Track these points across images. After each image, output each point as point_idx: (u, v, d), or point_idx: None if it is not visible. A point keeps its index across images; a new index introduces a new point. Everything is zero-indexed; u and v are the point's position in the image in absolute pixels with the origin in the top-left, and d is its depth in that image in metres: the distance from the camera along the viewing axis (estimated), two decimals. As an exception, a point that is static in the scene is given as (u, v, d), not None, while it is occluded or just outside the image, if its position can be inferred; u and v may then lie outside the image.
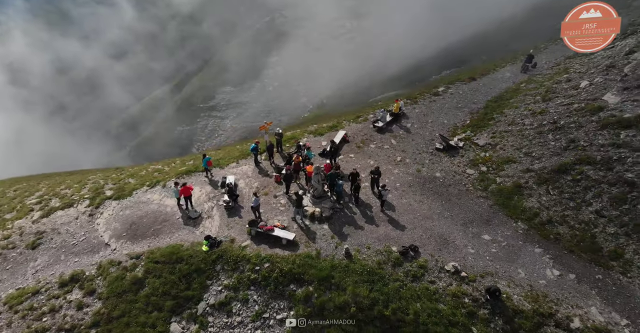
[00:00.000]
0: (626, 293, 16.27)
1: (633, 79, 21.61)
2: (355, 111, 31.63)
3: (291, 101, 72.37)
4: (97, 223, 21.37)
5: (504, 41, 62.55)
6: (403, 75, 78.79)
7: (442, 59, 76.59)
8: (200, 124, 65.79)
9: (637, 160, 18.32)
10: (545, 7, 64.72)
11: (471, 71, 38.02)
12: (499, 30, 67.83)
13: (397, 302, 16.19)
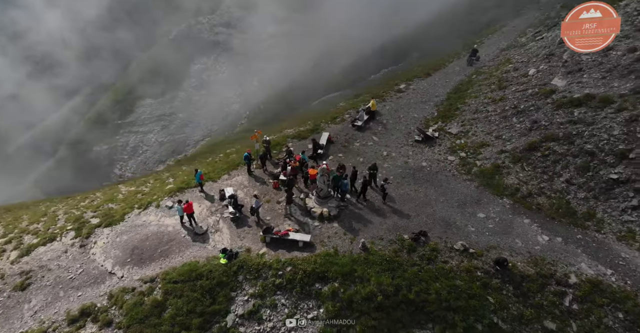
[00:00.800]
0: (604, 247, 18.71)
1: (573, 64, 24.68)
2: (317, 114, 32.49)
3: (221, 109, 70.96)
4: (92, 254, 20.16)
5: (436, 37, 66.71)
6: (342, 76, 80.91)
7: (378, 58, 79.76)
8: (120, 141, 60.93)
9: (593, 133, 21.07)
10: (472, 3, 69.88)
11: (411, 70, 40.32)
12: (430, 27, 72.10)
13: (419, 284, 17.29)
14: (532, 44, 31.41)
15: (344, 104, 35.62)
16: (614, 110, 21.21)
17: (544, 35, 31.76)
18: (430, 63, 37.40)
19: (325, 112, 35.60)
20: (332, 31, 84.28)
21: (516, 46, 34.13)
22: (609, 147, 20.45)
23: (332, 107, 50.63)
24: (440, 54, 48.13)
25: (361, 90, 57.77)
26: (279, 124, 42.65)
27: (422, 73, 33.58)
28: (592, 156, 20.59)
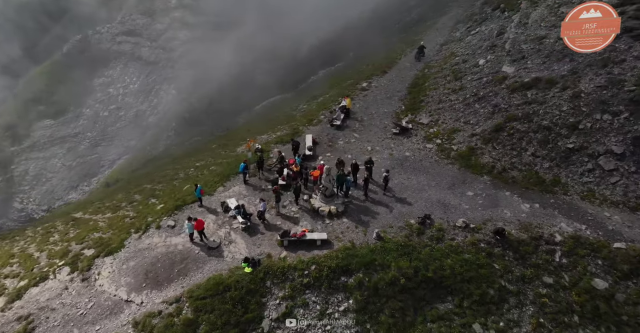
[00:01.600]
0: (574, 207, 21.44)
1: (516, 53, 27.66)
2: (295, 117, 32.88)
3: (137, 123, 66.97)
4: (99, 285, 18.96)
5: (367, 38, 69.36)
6: (277, 79, 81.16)
7: (312, 60, 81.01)
8: (17, 170, 55.10)
9: (546, 111, 23.91)
10: (394, 4, 73.26)
11: (361, 70, 41.71)
12: (357, 28, 74.67)
13: (433, 263, 18.65)
14: (469, 38, 34.45)
15: (306, 107, 36.35)
16: (559, 89, 24.27)
17: (477, 30, 34.96)
18: (379, 61, 39.28)
19: (287, 115, 36.12)
20: (254, 35, 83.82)
21: (454, 41, 37.15)
22: (562, 121, 23.40)
23: (277, 111, 51.14)
24: (379, 53, 50.56)
25: (309, 92, 58.72)
26: (238, 133, 42.31)
27: (378, 71, 35.28)
28: (549, 130, 23.42)
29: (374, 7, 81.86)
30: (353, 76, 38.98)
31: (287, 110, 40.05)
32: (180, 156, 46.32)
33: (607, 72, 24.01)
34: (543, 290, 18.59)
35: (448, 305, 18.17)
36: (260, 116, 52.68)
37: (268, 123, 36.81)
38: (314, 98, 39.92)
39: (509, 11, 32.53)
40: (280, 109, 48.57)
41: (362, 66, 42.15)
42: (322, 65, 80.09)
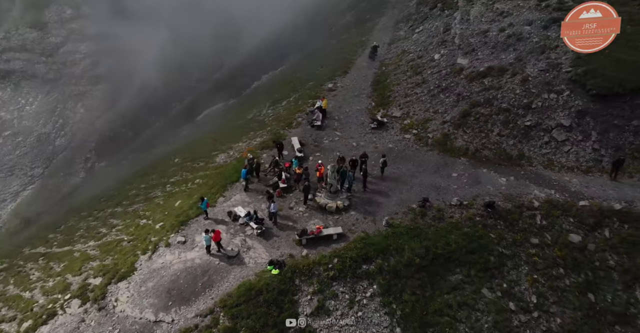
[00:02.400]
0: (540, 176, 24.17)
1: (465, 46, 30.33)
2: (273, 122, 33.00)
3: (42, 148, 61.43)
4: (120, 311, 18.10)
5: (305, 40, 70.49)
6: (215, 87, 79.86)
7: (251, 66, 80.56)
8: None
9: (503, 95, 26.63)
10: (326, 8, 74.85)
11: (313, 73, 42.46)
12: (293, 32, 75.43)
13: (440, 240, 20.21)
14: (416, 36, 36.98)
15: (271, 111, 36.54)
16: (510, 75, 27.16)
17: (421, 28, 37.59)
18: (336, 62, 40.55)
19: (257, 122, 36.11)
20: (178, 42, 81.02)
21: (400, 39, 39.59)
22: (517, 102, 26.22)
23: (233, 119, 50.46)
24: (327, 55, 51.94)
25: (256, 97, 58.46)
26: (202, 144, 41.29)
27: (339, 72, 36.57)
28: (509, 112, 26.14)
29: (304, 11, 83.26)
30: (313, 78, 39.93)
31: (248, 117, 39.91)
32: (131, 176, 44.23)
33: (545, 57, 27.32)
34: (532, 250, 20.94)
35: (458, 276, 19.84)
36: (213, 125, 51.57)
37: (236, 131, 36.63)
38: (275, 102, 40.25)
39: (448, 10, 35.42)
40: (236, 116, 48.04)
41: (317, 68, 43.24)
42: (264, 70, 79.97)
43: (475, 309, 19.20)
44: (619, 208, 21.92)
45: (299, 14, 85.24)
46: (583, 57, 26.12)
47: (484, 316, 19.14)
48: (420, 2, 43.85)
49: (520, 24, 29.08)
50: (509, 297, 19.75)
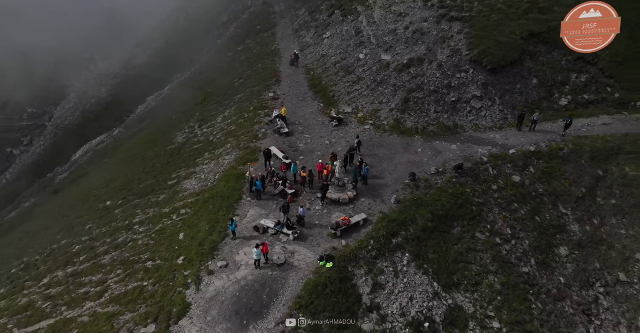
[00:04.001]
0: (475, 137, 29.48)
1: (383, 44, 34.40)
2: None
3: None
4: (195, 347, 17.18)
5: (189, 57, 68.28)
6: (91, 120, 73.31)
7: (131, 90, 74.84)
8: None
9: (429, 80, 31.30)
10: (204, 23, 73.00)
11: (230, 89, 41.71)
12: (170, 51, 72.06)
13: (437, 204, 23.65)
14: (327, 41, 40.07)
15: (206, 131, 35.35)
16: (428, 63, 32.04)
17: (329, 34, 40.79)
18: (259, 72, 41.20)
19: (203, 143, 34.86)
20: None
21: (311, 46, 42.31)
22: (440, 84, 31.17)
23: (131, 151, 47.04)
24: (224, 67, 51.68)
25: (150, 120, 55.04)
26: (160, 173, 37.81)
27: (271, 80, 37.57)
28: (437, 92, 30.96)
29: (175, 28, 79.94)
30: (239, 91, 39.98)
31: (178, 140, 37.78)
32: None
33: (447, 46, 32.91)
34: (495, 195, 25.89)
35: (458, 228, 23.62)
36: (119, 159, 47.07)
37: (177, 157, 34.76)
38: (205, 120, 39.16)
39: (350, 15, 39.30)
40: (151, 144, 44.91)
41: (233, 81, 43.07)
42: (146, 93, 74.96)
43: (477, 251, 23.24)
44: (533, 150, 28.38)
45: (170, 31, 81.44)
46: (474, 42, 32.48)
47: (484, 254, 23.32)
48: (313, 11, 47.17)
49: (419, 22, 34.30)
50: (493, 234, 24.32)
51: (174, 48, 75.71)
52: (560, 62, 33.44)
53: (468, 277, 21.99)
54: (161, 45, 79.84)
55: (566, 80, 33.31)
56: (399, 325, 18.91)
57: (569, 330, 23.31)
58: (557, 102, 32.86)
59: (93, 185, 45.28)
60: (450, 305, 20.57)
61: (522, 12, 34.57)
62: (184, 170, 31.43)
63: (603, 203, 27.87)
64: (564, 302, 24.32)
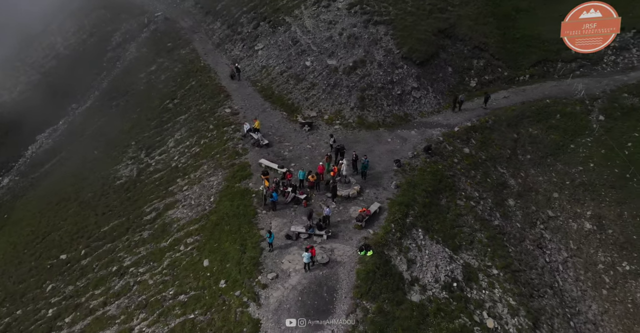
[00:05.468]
0: (424, 122, 33.44)
1: (324, 50, 36.35)
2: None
3: None
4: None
5: (70, 83, 61.46)
6: None
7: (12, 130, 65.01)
8: None
9: (375, 78, 34.18)
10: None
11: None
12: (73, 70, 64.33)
13: (425, 181, 26.67)
14: (263, 53, 40.44)
15: (164, 157, 33.07)
16: (369, 63, 34.98)
17: (262, 45, 41.14)
18: (194, 91, 39.55)
19: (170, 169, 32.51)
20: None
21: (245, 58, 42.14)
22: (384, 80, 34.35)
23: (55, 194, 41.62)
24: (143, 89, 48.13)
25: (98, 153, 49.16)
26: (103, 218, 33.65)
27: (220, 96, 36.64)
28: (384, 88, 34.07)
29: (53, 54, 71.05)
30: (181, 111, 38.05)
31: (123, 174, 34.47)
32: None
33: (380, 47, 36.41)
34: (458, 166, 30.06)
35: (444, 199, 26.93)
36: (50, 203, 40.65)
37: (134, 191, 31.96)
38: (154, 147, 36.43)
39: (280, 26, 40.31)
40: (81, 181, 39.90)
41: (165, 102, 40.54)
42: (36, 131, 65.70)
43: (462, 215, 26.95)
44: (470, 125, 33.48)
45: (50, 59, 71.48)
46: (400, 41, 36.56)
47: (468, 217, 27.10)
48: (233, 24, 46.82)
49: (349, 27, 37.10)
50: (468, 199, 28.35)
51: (59, 76, 66.90)
52: (463, 51, 39.51)
53: (464, 238, 25.57)
54: (42, 74, 69.69)
55: (470, 66, 39.48)
56: (436, 291, 21.41)
57: (534, 263, 28.65)
58: (469, 84, 38.84)
59: (14, 245, 38.55)
60: (463, 264, 23.82)
61: (427, 12, 39.81)
62: (158, 202, 29.36)
63: (522, 159, 34.23)
64: (525, 242, 29.67)
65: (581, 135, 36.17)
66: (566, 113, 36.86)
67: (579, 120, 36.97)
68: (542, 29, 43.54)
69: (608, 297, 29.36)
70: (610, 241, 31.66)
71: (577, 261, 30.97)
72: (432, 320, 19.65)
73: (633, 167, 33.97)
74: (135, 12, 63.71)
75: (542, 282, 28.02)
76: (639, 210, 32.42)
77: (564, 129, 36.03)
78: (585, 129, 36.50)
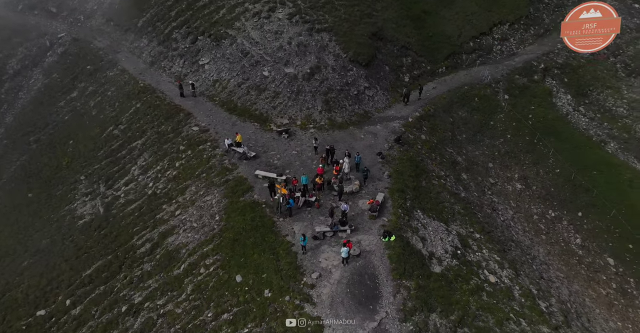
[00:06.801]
0: (381, 117, 36.27)
1: (279, 60, 36.87)
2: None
3: None
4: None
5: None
6: None
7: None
8: None
9: (333, 82, 35.81)
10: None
11: None
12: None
13: (407, 169, 29.26)
14: (210, 66, 39.21)
15: (131, 187, 30.42)
16: (324, 68, 36.55)
17: (207, 60, 39.67)
18: (144, 114, 36.75)
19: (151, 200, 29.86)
20: None
21: (189, 73, 40.34)
22: (341, 83, 36.14)
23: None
24: (50, 123, 43.12)
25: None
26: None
27: (180, 115, 34.70)
28: (343, 90, 35.91)
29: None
30: (134, 137, 35.13)
31: (82, 215, 30.95)
32: None
33: (329, 52, 38.21)
34: (422, 151, 33.46)
35: (423, 182, 29.86)
36: None
37: (125, 225, 29.00)
38: (115, 180, 33.14)
39: (223, 39, 39.55)
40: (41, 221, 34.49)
41: (108, 129, 36.94)
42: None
43: (440, 192, 30.05)
44: (419, 115, 37.33)
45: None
46: (344, 46, 38.89)
47: (443, 193, 30.35)
48: (164, 41, 44.31)
49: (296, 36, 38.15)
50: (438, 178, 31.57)
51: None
52: (394, 51, 43.50)
53: (448, 211, 28.86)
54: None
55: (401, 64, 43.63)
56: (448, 260, 24.11)
57: (495, 223, 33.42)
58: (403, 80, 43.00)
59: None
60: (456, 234, 27.05)
61: (358, 18, 42.73)
62: (150, 232, 27.26)
63: (460, 139, 39.35)
64: (483, 207, 34.42)
65: (495, 113, 42.63)
66: (481, 96, 43.00)
67: (492, 101, 43.47)
68: (446, 27, 49.94)
69: (547, 241, 35.43)
70: (536, 195, 38.11)
71: (519, 216, 36.67)
72: (456, 285, 22.25)
73: (538, 133, 41.25)
74: (32, 35, 55.93)
75: (505, 237, 32.82)
76: (550, 167, 39.53)
77: (483, 110, 42.09)
78: (497, 107, 43.08)
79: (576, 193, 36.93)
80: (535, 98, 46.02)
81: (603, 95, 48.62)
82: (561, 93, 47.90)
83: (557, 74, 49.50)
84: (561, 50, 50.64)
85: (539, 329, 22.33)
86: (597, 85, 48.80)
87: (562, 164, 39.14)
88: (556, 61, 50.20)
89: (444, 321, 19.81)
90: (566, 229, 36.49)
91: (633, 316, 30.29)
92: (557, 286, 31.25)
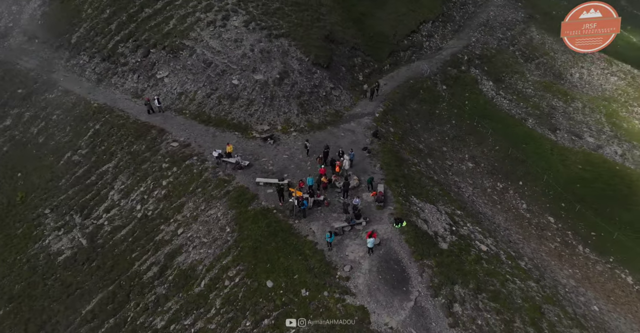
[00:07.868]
0: (353, 114, 37.68)
1: (240, 69, 36.24)
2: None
3: None
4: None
5: None
6: None
7: None
8: None
9: (302, 85, 36.33)
10: None
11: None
12: None
13: (391, 160, 30.87)
14: (171, 79, 36.97)
15: (115, 212, 27.76)
16: (291, 73, 36.87)
17: (166, 72, 37.36)
18: (121, 134, 33.60)
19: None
20: None
21: (147, 88, 37.69)
22: (310, 85, 36.83)
23: None
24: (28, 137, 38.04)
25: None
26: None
27: (153, 132, 32.33)
28: (313, 93, 36.45)
29: None
30: (102, 161, 31.91)
31: (66, 244, 27.80)
32: None
33: (292, 57, 38.51)
34: (395, 142, 35.60)
35: (405, 170, 31.93)
36: None
37: (121, 253, 26.31)
38: (92, 208, 29.89)
39: (181, 51, 37.63)
40: None
41: (66, 156, 32.99)
42: None
43: (420, 177, 32.64)
44: (382, 110, 39.38)
45: None
46: (305, 50, 39.51)
47: (423, 178, 32.93)
48: (109, 56, 40.76)
49: (256, 43, 37.73)
50: (414, 165, 33.95)
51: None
52: (345, 52, 45.19)
53: (432, 194, 31.21)
54: None
55: (353, 64, 45.46)
56: (449, 236, 26.17)
57: (464, 199, 36.65)
58: (359, 79, 44.96)
59: None
60: (445, 213, 29.46)
61: (310, 23, 43.57)
62: (153, 256, 25.38)
63: (417, 128, 42.34)
64: (451, 187, 37.66)
65: (438, 102, 46.64)
66: (425, 88, 46.72)
67: (434, 92, 47.45)
68: (383, 27, 53.09)
69: (502, 209, 39.82)
70: (485, 171, 42.55)
71: (477, 191, 40.66)
72: (462, 258, 24.46)
73: (476, 117, 46.06)
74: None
75: (475, 210, 36.31)
76: (491, 145, 44.31)
77: (428, 100, 45.79)
78: (439, 97, 47.17)
79: (514, 165, 41.85)
80: (466, 86, 50.96)
81: (513, 80, 55.41)
82: (484, 80, 53.58)
83: (478, 64, 55.22)
84: (476, 43, 56.73)
85: (529, 284, 25.35)
86: (507, 71, 55.38)
87: (499, 142, 44.01)
88: (475, 53, 55.93)
89: (465, 290, 21.74)
90: (513, 197, 41.21)
91: (577, 262, 35.39)
92: (522, 246, 35.35)
